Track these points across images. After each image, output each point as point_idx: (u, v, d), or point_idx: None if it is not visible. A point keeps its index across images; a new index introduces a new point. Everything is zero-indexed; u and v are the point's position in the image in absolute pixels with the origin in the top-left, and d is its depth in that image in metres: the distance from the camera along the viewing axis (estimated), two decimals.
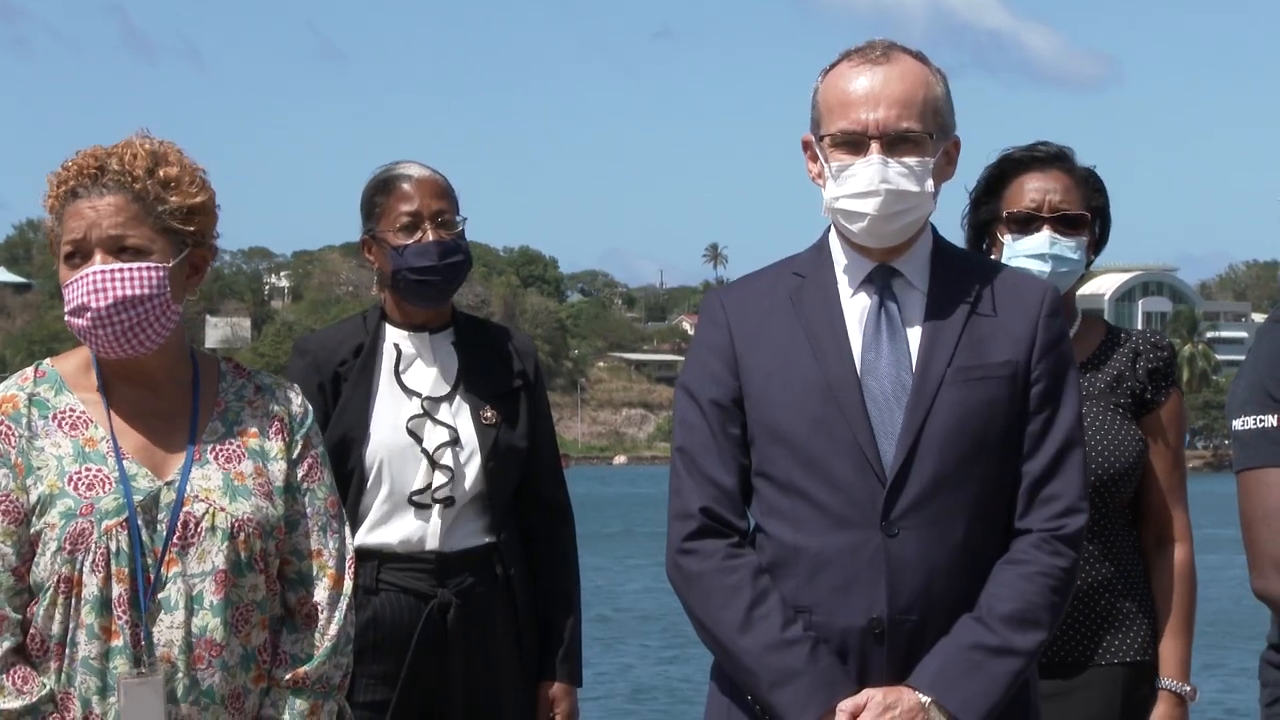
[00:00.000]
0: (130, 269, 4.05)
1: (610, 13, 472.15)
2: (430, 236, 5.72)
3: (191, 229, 4.17)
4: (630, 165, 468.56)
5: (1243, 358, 4.68)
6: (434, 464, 5.66)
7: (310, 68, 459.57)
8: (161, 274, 4.08)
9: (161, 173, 4.11)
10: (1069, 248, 5.43)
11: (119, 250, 4.06)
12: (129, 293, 4.03)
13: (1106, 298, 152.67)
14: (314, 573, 4.24)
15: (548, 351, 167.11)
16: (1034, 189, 5.49)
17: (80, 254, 4.06)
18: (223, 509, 4.11)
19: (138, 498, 4.07)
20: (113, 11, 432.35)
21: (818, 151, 4.35)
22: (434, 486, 5.66)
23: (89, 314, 4.03)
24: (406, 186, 5.77)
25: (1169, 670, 5.43)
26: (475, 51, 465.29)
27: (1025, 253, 5.40)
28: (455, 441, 5.70)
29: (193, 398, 4.23)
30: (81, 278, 4.04)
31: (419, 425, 5.69)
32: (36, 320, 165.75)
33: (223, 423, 4.23)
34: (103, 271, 4.03)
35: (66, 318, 4.10)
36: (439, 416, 5.72)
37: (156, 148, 4.16)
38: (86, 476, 4.07)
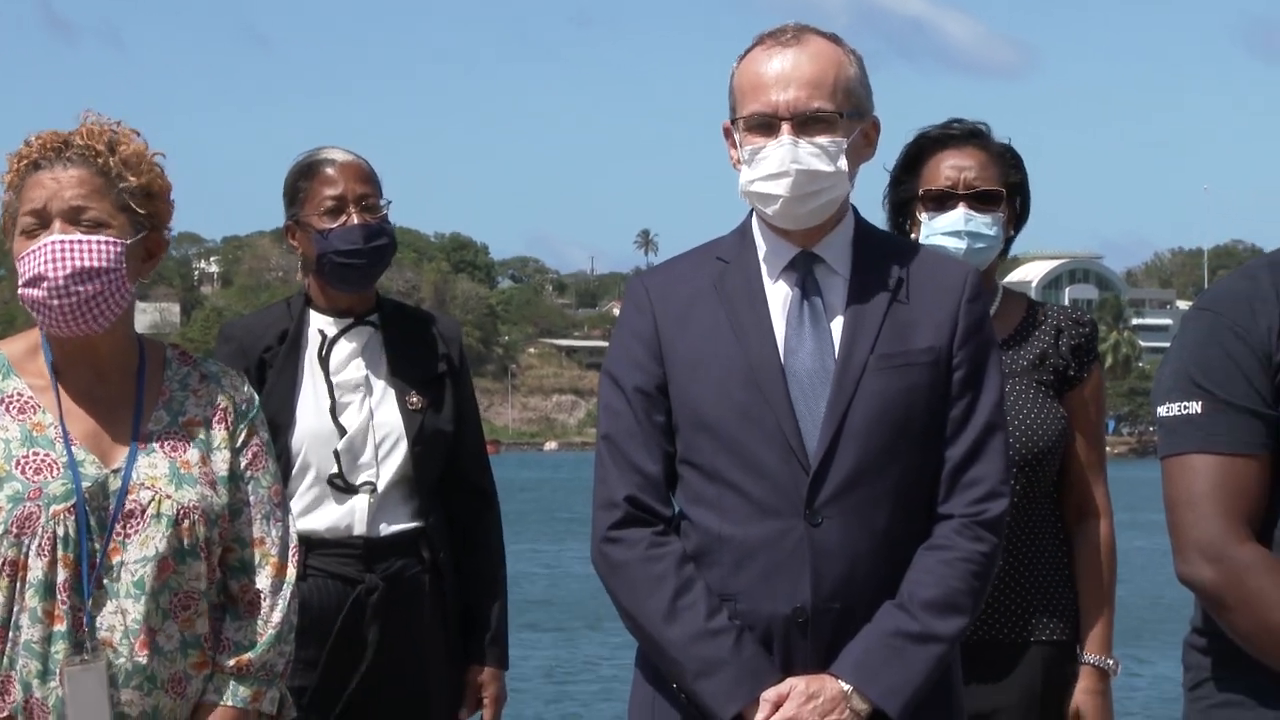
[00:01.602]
0: (90, 241, 4.07)
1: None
2: (355, 220, 5.72)
3: (149, 211, 4.19)
4: (560, 151, 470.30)
5: (1167, 345, 4.70)
6: (355, 447, 5.67)
7: (235, 52, 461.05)
8: (119, 249, 4.10)
9: (122, 151, 4.14)
10: (985, 224, 5.46)
11: (77, 221, 4.07)
12: (87, 264, 4.05)
13: (1033, 285, 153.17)
14: (257, 560, 4.26)
15: (478, 338, 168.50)
16: (949, 166, 5.52)
17: (40, 223, 4.08)
18: (169, 496, 4.13)
19: (86, 484, 4.09)
20: None
21: (735, 135, 4.36)
22: (358, 472, 5.66)
23: (45, 284, 4.04)
24: (330, 171, 5.78)
25: (1092, 645, 5.49)
26: (400, 38, 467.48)
27: (942, 230, 5.43)
28: (378, 428, 5.72)
29: (138, 385, 4.24)
30: (39, 247, 4.05)
31: (341, 410, 5.70)
32: None
33: (168, 411, 4.25)
34: (61, 241, 4.05)
35: (21, 290, 4.12)
36: (363, 403, 5.72)
37: (116, 129, 4.19)
38: (34, 461, 4.09)
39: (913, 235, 5.44)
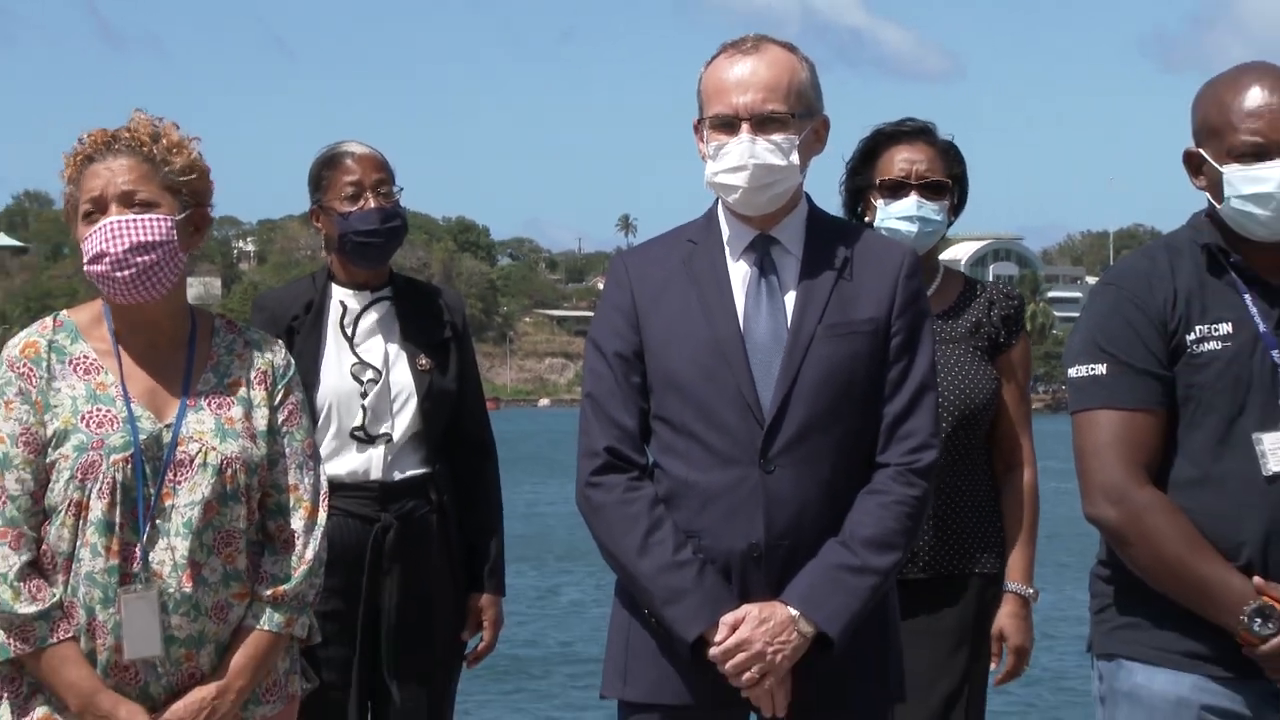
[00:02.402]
0: (143, 219, 4.08)
1: (520, 14, 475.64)
2: (372, 204, 5.72)
3: (192, 190, 4.20)
4: (551, 145, 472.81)
5: (1077, 315, 4.70)
6: (376, 406, 5.67)
7: (262, 58, 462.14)
8: (169, 224, 4.11)
9: (164, 139, 4.16)
10: (933, 210, 5.48)
11: (131, 203, 4.09)
12: (142, 238, 4.07)
13: (963, 263, 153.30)
14: (291, 504, 4.25)
15: (480, 309, 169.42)
16: (902, 159, 5.52)
17: (97, 209, 4.09)
18: (214, 448, 4.13)
19: (142, 437, 4.09)
20: (84, 6, 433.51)
21: (702, 133, 4.36)
22: (377, 425, 5.66)
23: (108, 259, 4.06)
24: (349, 161, 5.78)
25: (1015, 576, 5.50)
26: (408, 43, 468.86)
27: (895, 215, 5.44)
28: (393, 386, 5.72)
29: (189, 350, 4.24)
30: (100, 228, 4.07)
31: (361, 371, 5.69)
32: (33, 280, 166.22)
33: (215, 373, 4.25)
34: (118, 221, 4.06)
35: (86, 267, 4.14)
36: (379, 364, 5.72)
37: (156, 122, 4.20)
38: (97, 416, 4.09)
39: (867, 219, 5.45)
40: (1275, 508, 4.12)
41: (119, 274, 4.06)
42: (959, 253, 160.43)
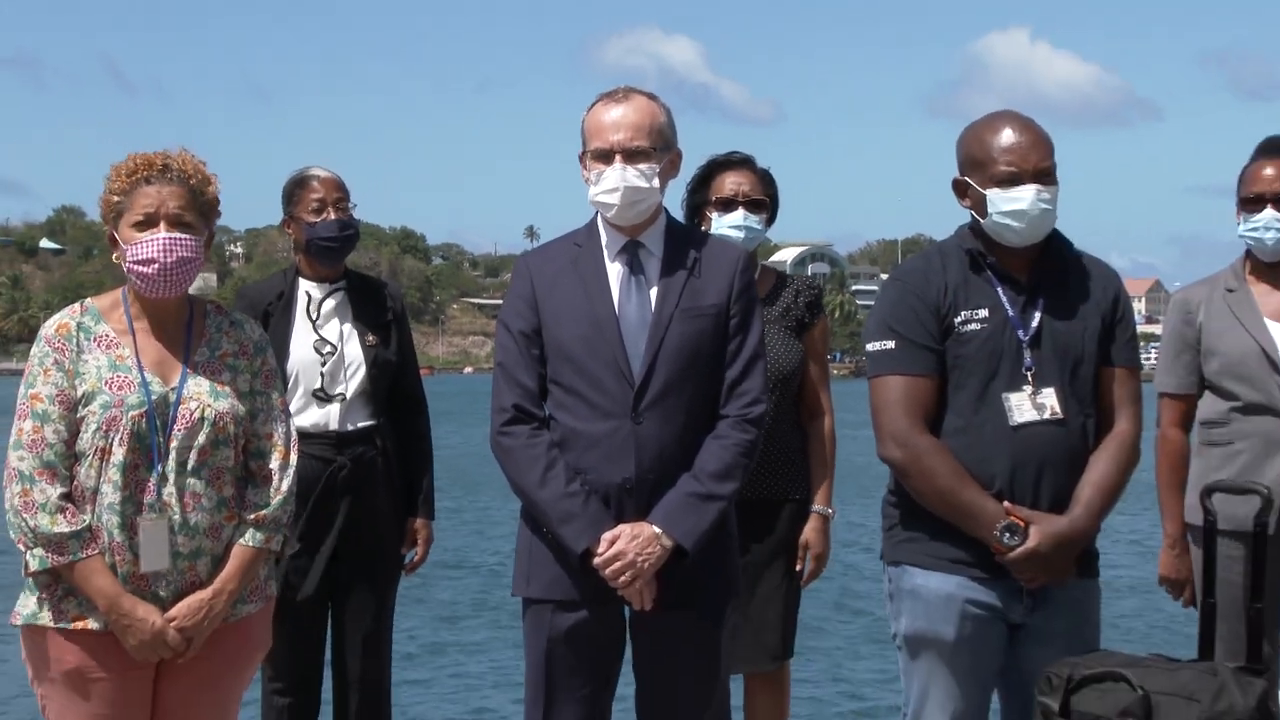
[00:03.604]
0: (186, 238, 4.05)
1: (446, 66, 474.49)
2: (332, 216, 5.68)
3: (211, 217, 4.18)
4: (474, 170, 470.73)
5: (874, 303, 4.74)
6: (332, 372, 5.64)
7: (245, 100, 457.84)
8: (200, 244, 4.09)
9: (202, 174, 4.13)
10: (755, 221, 5.49)
11: (178, 224, 4.04)
12: (185, 255, 4.04)
13: (787, 263, 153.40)
14: (268, 449, 4.21)
15: (418, 298, 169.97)
16: (731, 182, 5.51)
17: (150, 222, 4.03)
18: (208, 405, 4.09)
19: (153, 397, 4.05)
20: (103, 58, 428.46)
21: (585, 162, 4.34)
22: (334, 387, 5.63)
23: (156, 264, 4.02)
24: (315, 182, 5.73)
25: (818, 499, 5.53)
26: (362, 92, 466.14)
27: (727, 225, 5.44)
28: (346, 358, 5.68)
29: (188, 330, 4.19)
30: (153, 239, 4.02)
31: (322, 346, 5.65)
32: (68, 275, 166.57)
33: (208, 347, 4.20)
34: (170, 238, 4.02)
35: (131, 264, 4.07)
36: (335, 340, 5.68)
37: (197, 161, 4.16)
38: (117, 381, 4.04)
39: (703, 227, 5.43)
40: (1019, 449, 4.17)
41: (162, 278, 4.04)
42: (784, 255, 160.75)
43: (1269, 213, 5.21)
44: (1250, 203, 5.27)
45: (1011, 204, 4.19)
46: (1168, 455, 5.39)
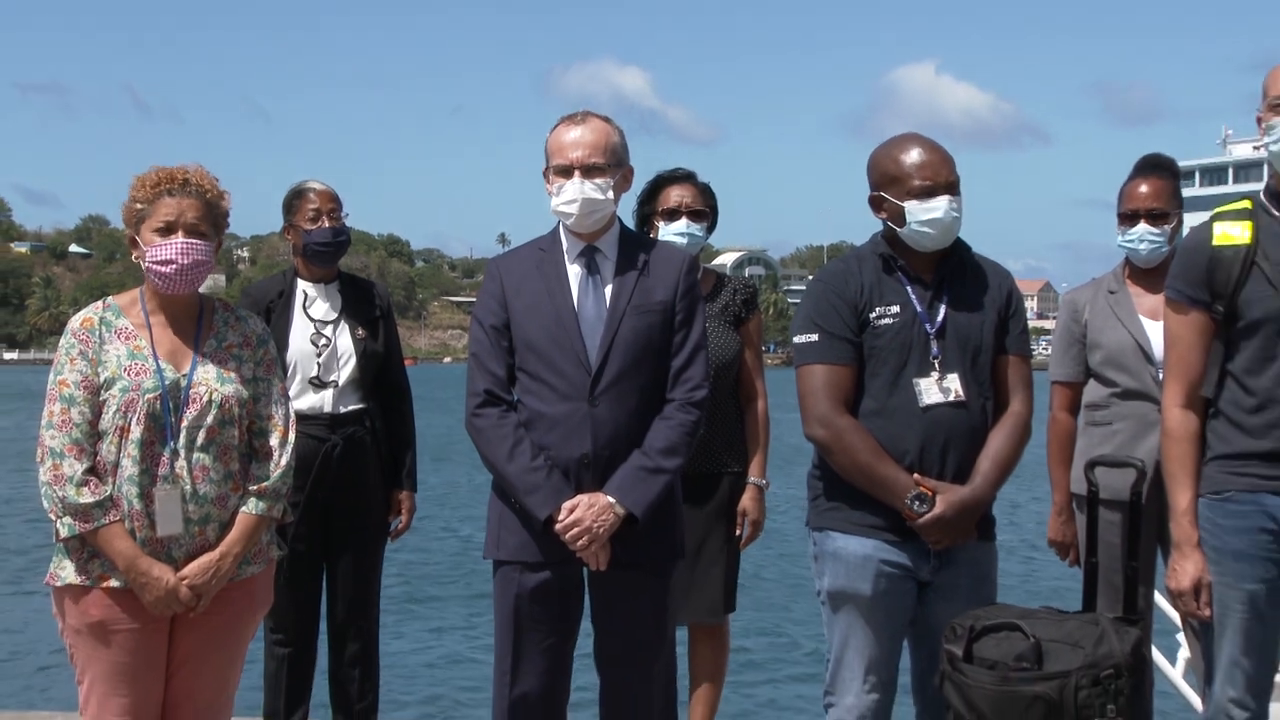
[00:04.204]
0: (200, 243, 4.03)
1: (421, 95, 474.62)
2: (326, 224, 5.65)
3: (222, 225, 4.16)
4: (454, 183, 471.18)
5: None
6: (326, 362, 5.61)
7: (249, 121, 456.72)
8: (212, 249, 4.08)
9: (216, 189, 4.11)
10: (697, 229, 5.47)
11: (194, 233, 4.02)
12: (200, 259, 4.03)
13: (727, 266, 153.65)
14: (270, 428, 4.18)
15: (403, 296, 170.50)
16: (676, 195, 5.49)
17: (170, 229, 4.01)
18: (216, 390, 4.06)
19: (167, 382, 4.02)
20: (123, 85, 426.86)
21: (548, 177, 4.32)
22: (328, 374, 5.60)
23: (174, 265, 4.01)
24: (311, 194, 5.70)
25: (754, 472, 5.50)
26: (352, 115, 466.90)
27: (673, 232, 5.42)
28: (338, 349, 5.65)
29: (198, 324, 4.16)
30: (172, 244, 4.00)
31: (317, 339, 5.62)
32: (94, 276, 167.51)
33: (215, 339, 4.17)
34: (187, 243, 4.00)
35: (152, 264, 4.04)
36: (329, 333, 5.64)
37: (210, 176, 4.14)
38: (135, 368, 4.01)
39: (652, 234, 5.41)
40: (927, 428, 4.18)
41: (179, 277, 4.02)
42: (724, 259, 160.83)
43: (1142, 226, 5.25)
44: (1127, 217, 5.29)
45: (928, 214, 4.19)
46: (1057, 435, 5.42)
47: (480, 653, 13.09)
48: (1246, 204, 4.14)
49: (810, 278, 4.62)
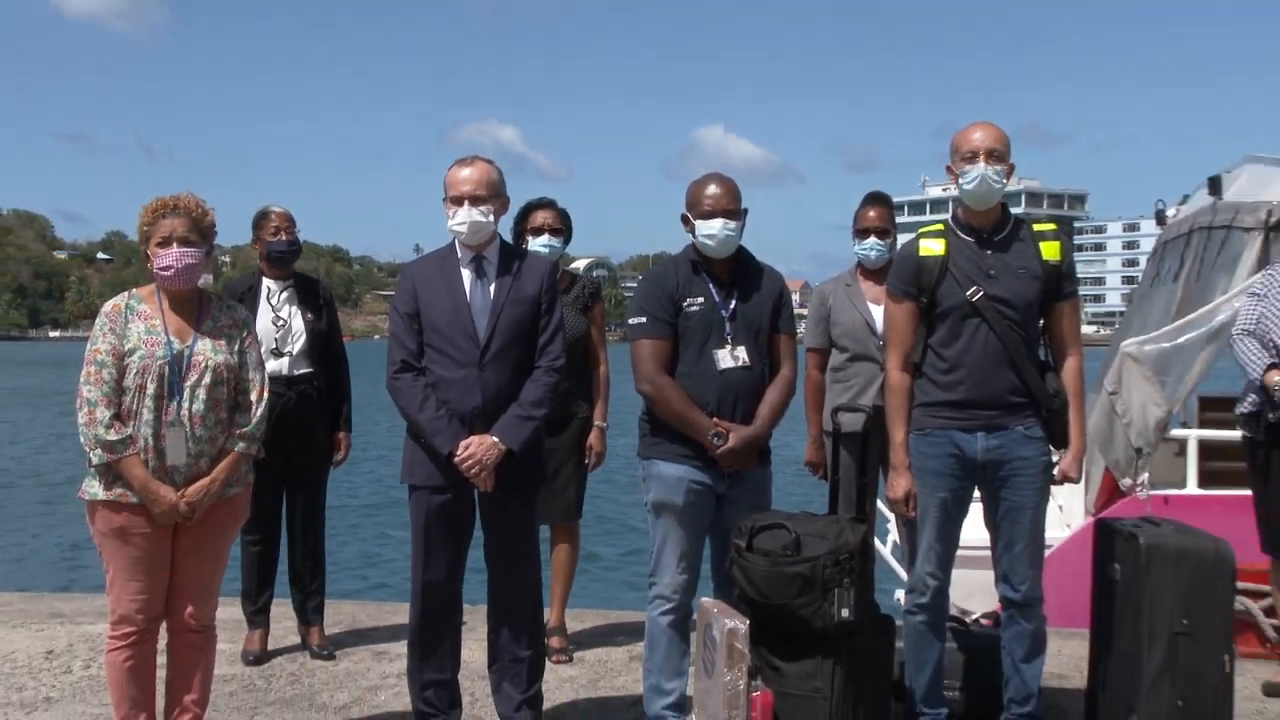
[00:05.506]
0: (191, 250, 3.93)
1: (351, 141, 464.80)
2: (284, 238, 5.56)
3: (209, 236, 4.02)
4: (379, 205, 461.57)
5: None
6: (283, 337, 5.51)
7: (230, 160, 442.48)
8: (201, 254, 3.96)
9: (200, 209, 3.99)
10: (557, 242, 5.40)
11: (186, 243, 3.92)
12: (191, 262, 3.93)
13: (580, 268, 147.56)
14: (250, 388, 4.09)
15: (343, 291, 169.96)
16: (541, 217, 5.43)
17: (167, 242, 3.91)
18: (211, 358, 3.98)
19: (174, 352, 3.93)
20: (134, 134, 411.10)
21: (446, 204, 4.27)
22: (284, 346, 5.49)
23: (173, 269, 3.91)
24: (273, 214, 5.60)
25: (597, 416, 5.46)
26: (305, 151, 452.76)
27: (539, 244, 5.36)
28: (292, 328, 5.54)
29: (199, 310, 4.06)
30: (171, 252, 3.90)
31: (276, 321, 5.52)
32: (115, 277, 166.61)
33: (211, 321, 4.07)
34: (181, 251, 3.91)
35: (156, 269, 3.94)
36: (285, 316, 5.55)
37: (195, 198, 4.02)
38: (150, 341, 3.92)
39: (524, 247, 5.31)
40: (723, 385, 4.19)
41: (177, 276, 3.93)
42: (578, 263, 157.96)
43: (871, 240, 5.36)
44: (860, 233, 5.41)
45: (707, 230, 4.20)
46: (811, 388, 5.50)
47: (399, 556, 12.93)
48: (941, 226, 4.29)
49: (640, 277, 4.63)
